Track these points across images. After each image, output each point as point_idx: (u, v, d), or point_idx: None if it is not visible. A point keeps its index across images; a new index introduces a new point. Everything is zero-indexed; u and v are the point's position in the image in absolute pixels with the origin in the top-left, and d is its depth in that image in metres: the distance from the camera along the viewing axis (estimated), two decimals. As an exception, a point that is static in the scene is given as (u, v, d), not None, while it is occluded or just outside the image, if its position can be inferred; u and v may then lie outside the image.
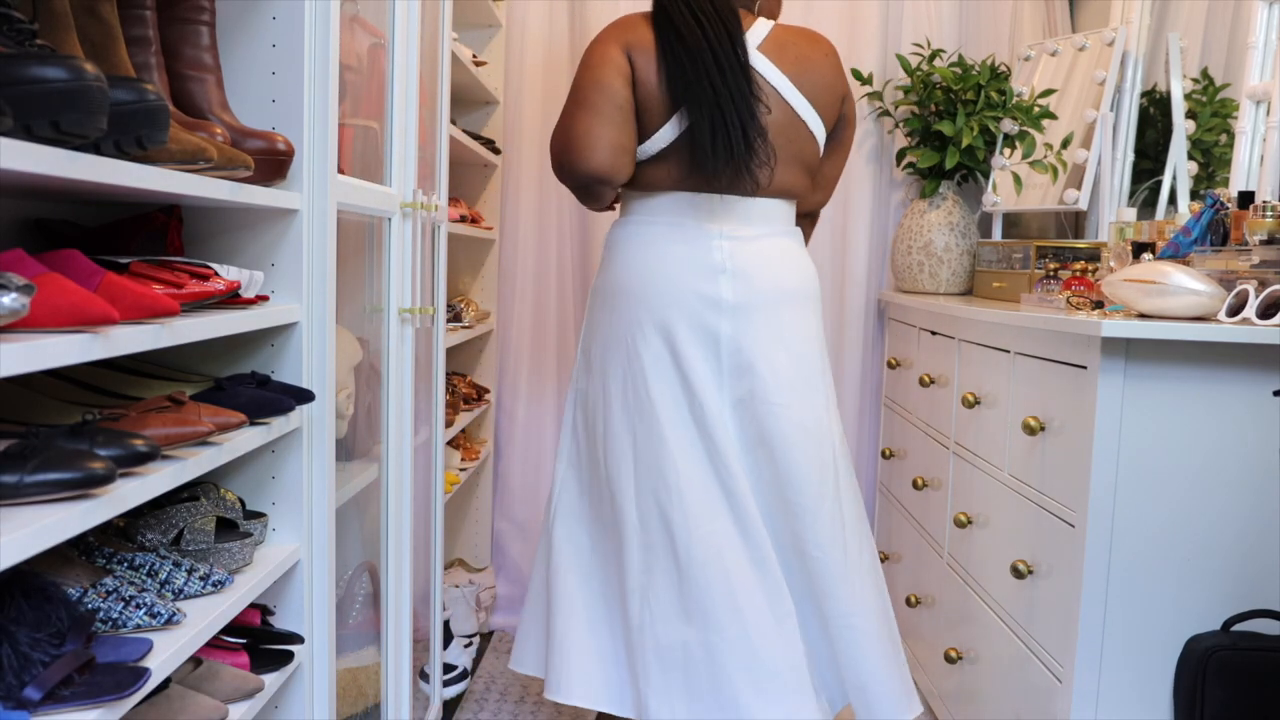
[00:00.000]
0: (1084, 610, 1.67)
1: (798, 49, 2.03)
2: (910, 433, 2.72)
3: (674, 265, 2.00)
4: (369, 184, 1.64)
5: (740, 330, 1.99)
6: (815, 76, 2.03)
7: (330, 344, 1.44)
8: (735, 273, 1.99)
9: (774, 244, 2.05)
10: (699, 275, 1.99)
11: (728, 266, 1.99)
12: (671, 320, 1.98)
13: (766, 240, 2.04)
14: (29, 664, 0.94)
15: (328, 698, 1.47)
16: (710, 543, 1.94)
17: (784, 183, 2.03)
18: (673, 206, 2.02)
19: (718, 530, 1.95)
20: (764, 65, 1.99)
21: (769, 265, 2.02)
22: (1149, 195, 2.71)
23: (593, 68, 1.95)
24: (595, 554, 2.09)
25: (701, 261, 1.99)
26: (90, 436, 1.00)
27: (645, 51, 1.94)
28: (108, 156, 0.96)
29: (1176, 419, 1.65)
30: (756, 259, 2.01)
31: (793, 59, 2.01)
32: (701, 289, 1.98)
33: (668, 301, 1.98)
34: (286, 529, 1.43)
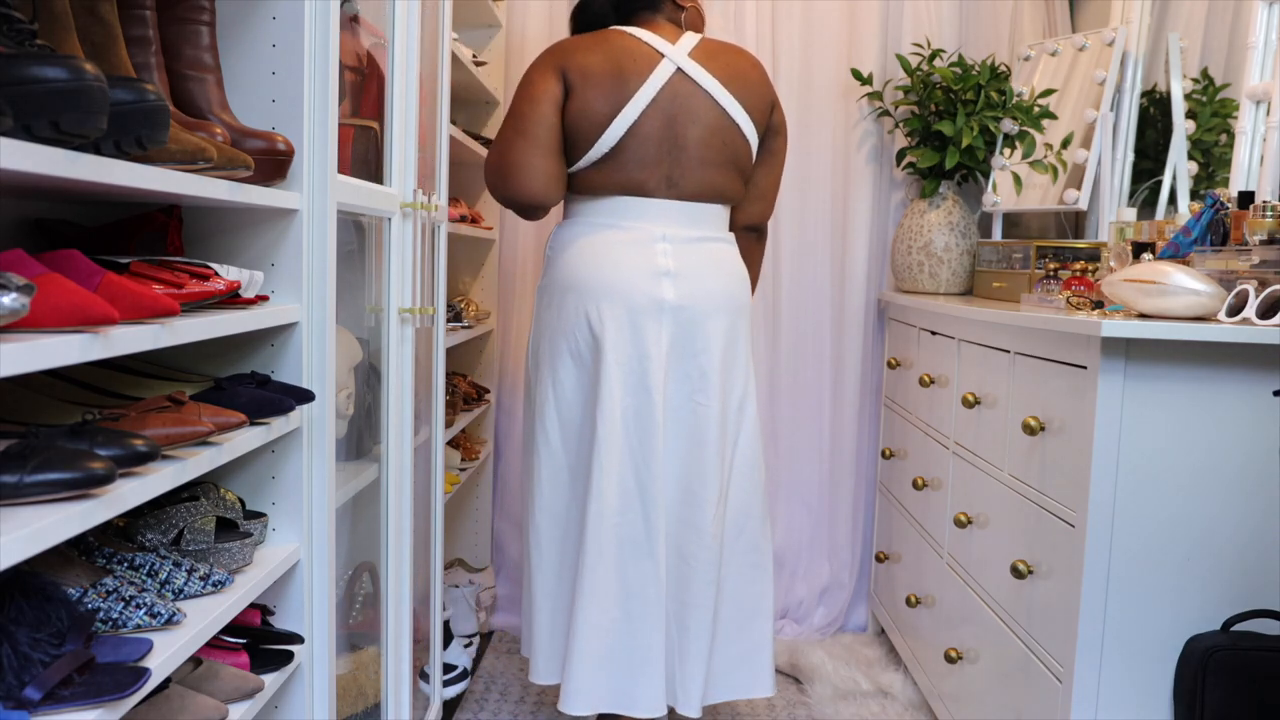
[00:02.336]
0: (1084, 610, 1.67)
1: (726, 57, 2.14)
2: (910, 433, 2.72)
3: (620, 265, 2.08)
4: (369, 184, 1.64)
5: (679, 330, 2.08)
6: (745, 82, 2.13)
7: (330, 344, 1.44)
8: (677, 275, 2.08)
9: (713, 249, 2.15)
10: (643, 276, 2.07)
11: (670, 269, 2.08)
12: (616, 318, 2.06)
13: (707, 245, 2.14)
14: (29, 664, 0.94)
15: (328, 698, 1.47)
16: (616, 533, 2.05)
17: (719, 186, 2.13)
18: (615, 209, 2.11)
19: (626, 521, 2.06)
20: (695, 71, 2.09)
21: (707, 269, 2.12)
22: (1149, 195, 2.71)
23: (528, 97, 2.09)
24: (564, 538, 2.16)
25: (646, 263, 2.08)
26: (90, 436, 1.00)
27: (582, 70, 2.06)
28: (108, 156, 0.96)
29: (1176, 419, 1.65)
30: (697, 263, 2.11)
31: (722, 65, 2.12)
32: (646, 289, 2.07)
33: (614, 299, 2.06)
34: (286, 529, 1.43)
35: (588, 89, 2.05)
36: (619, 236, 2.09)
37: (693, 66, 2.09)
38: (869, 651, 2.92)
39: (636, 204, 2.10)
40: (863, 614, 3.17)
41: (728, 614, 2.18)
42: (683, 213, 2.11)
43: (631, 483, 2.06)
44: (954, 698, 2.27)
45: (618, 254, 2.08)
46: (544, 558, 2.16)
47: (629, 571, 2.07)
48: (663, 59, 2.08)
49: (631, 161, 2.08)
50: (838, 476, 3.15)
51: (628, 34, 2.11)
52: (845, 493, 3.15)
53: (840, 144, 3.07)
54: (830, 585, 3.15)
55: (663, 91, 2.07)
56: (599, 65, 2.06)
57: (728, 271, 2.15)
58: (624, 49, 2.08)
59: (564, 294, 2.12)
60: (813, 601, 3.13)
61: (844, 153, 3.07)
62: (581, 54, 2.08)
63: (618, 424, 2.05)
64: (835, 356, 3.12)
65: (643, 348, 2.06)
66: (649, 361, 2.06)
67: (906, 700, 2.59)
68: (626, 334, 2.06)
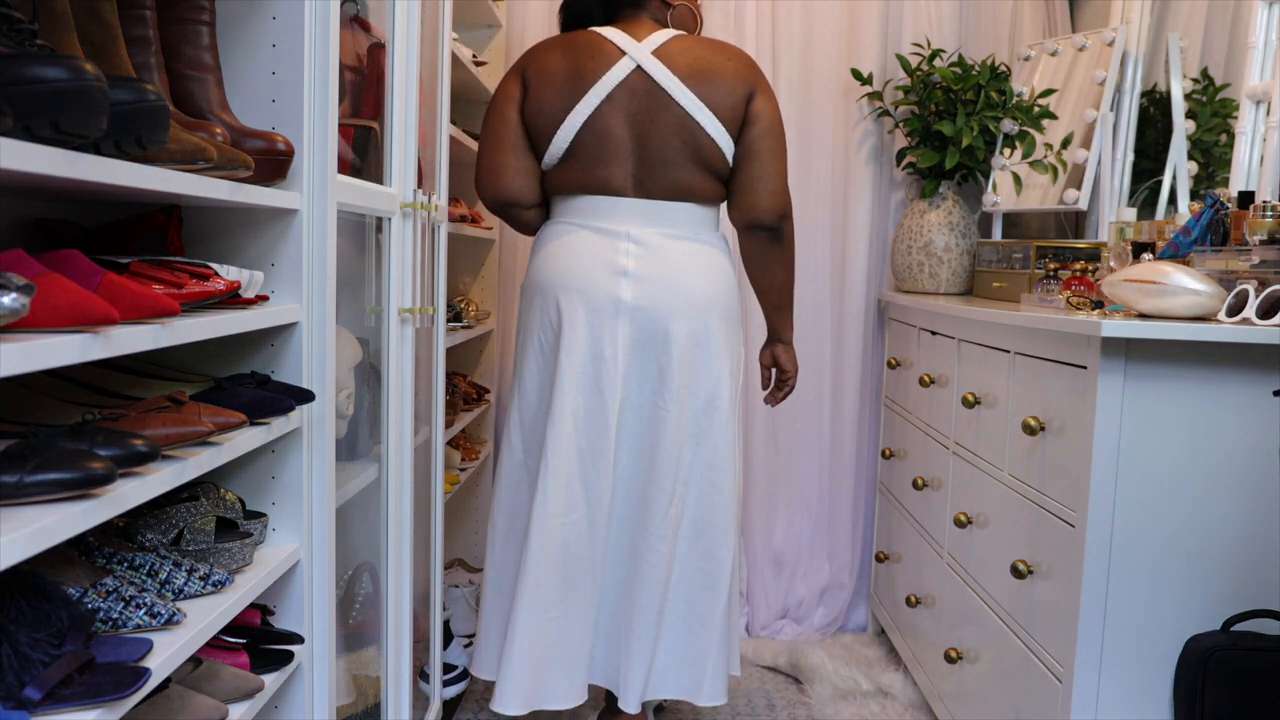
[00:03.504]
0: (1084, 610, 1.67)
1: (696, 52, 2.09)
2: (910, 433, 2.72)
3: (582, 263, 2.09)
4: (369, 184, 1.64)
5: (637, 331, 2.07)
6: (710, 79, 2.06)
7: (330, 344, 1.44)
8: (636, 276, 2.07)
9: (684, 248, 2.10)
10: (603, 275, 2.07)
11: (630, 269, 2.07)
12: (574, 316, 2.07)
13: (676, 244, 2.09)
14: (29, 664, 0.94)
15: (328, 698, 1.47)
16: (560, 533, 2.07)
17: (686, 185, 2.09)
18: (585, 208, 2.12)
19: (570, 521, 2.07)
20: (655, 68, 2.05)
21: (672, 270, 2.08)
22: (1149, 195, 2.71)
23: (495, 100, 2.16)
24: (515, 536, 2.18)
25: (608, 261, 2.08)
26: (90, 436, 1.00)
27: (540, 70, 2.10)
28: (108, 156, 0.96)
29: (1176, 419, 1.65)
30: (661, 263, 2.08)
31: (688, 61, 2.07)
32: (605, 288, 2.07)
33: (573, 297, 2.08)
34: (286, 529, 1.43)
35: (543, 87, 2.09)
36: (585, 235, 2.10)
37: (652, 64, 2.05)
38: (869, 651, 2.92)
39: (605, 203, 2.09)
40: (863, 614, 3.17)
41: (677, 615, 2.15)
42: (651, 212, 2.08)
43: (578, 484, 2.07)
44: (954, 698, 2.27)
45: (582, 252, 2.09)
46: (495, 554, 2.20)
47: (569, 572, 2.09)
48: (623, 56, 2.06)
49: (593, 160, 2.07)
50: (838, 476, 3.15)
51: (597, 33, 2.10)
52: (845, 493, 3.15)
53: (840, 144, 3.07)
54: (830, 585, 3.16)
55: (619, 89, 2.05)
56: (557, 64, 2.09)
57: (696, 272, 2.09)
58: (587, 47, 2.08)
59: (533, 292, 2.16)
60: (813, 601, 3.14)
61: (844, 153, 3.07)
62: (544, 54, 2.13)
63: (568, 423, 2.05)
64: (835, 356, 3.12)
65: (598, 348, 2.06)
66: (603, 362, 2.06)
67: (906, 700, 2.59)
68: (583, 333, 2.06)
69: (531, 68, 2.12)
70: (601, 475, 2.06)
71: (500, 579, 2.20)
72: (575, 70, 2.07)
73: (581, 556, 2.09)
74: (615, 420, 2.06)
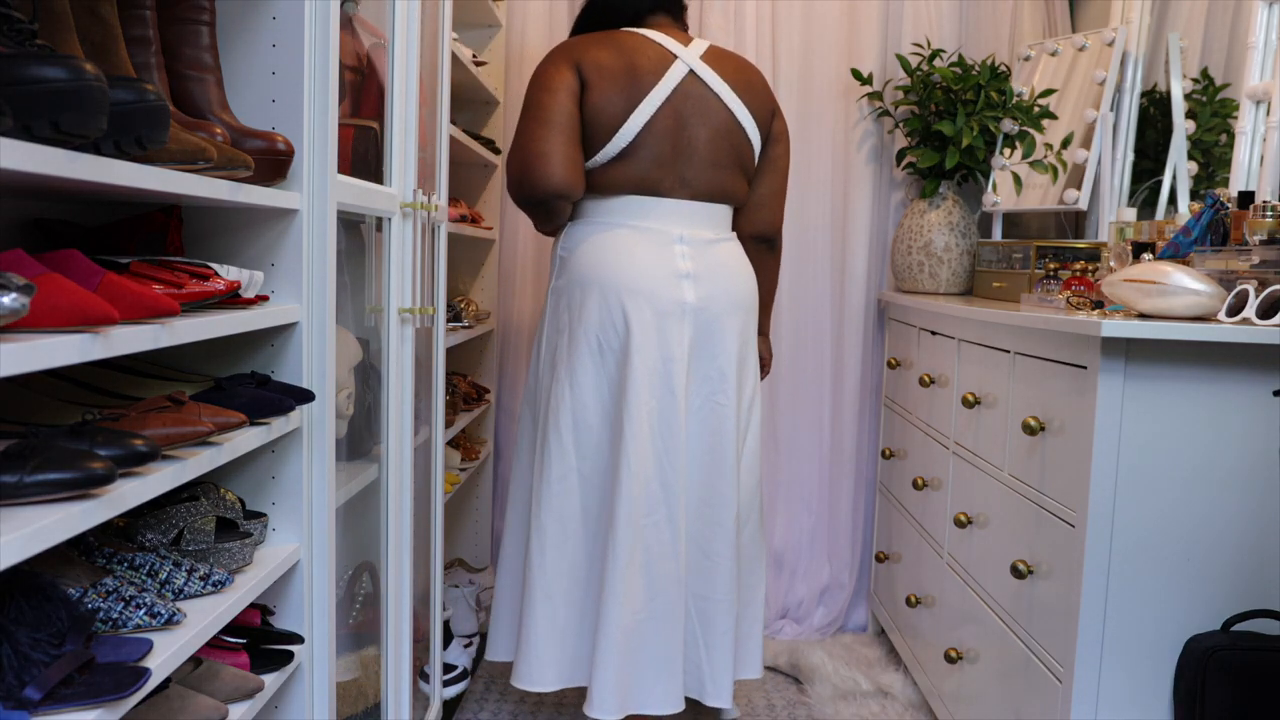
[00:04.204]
0: (1084, 610, 1.67)
1: (733, 63, 2.20)
2: (910, 433, 2.72)
3: (642, 266, 2.09)
4: (369, 184, 1.64)
5: (698, 332, 2.11)
6: (751, 89, 2.18)
7: (330, 344, 1.44)
8: (696, 277, 2.11)
9: (726, 249, 2.19)
10: (665, 278, 2.09)
11: (689, 271, 2.11)
12: (642, 319, 2.07)
13: (720, 245, 2.18)
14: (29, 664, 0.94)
15: (328, 698, 1.47)
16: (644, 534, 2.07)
17: (727, 186, 2.17)
18: (630, 208, 2.13)
19: (653, 522, 2.08)
20: (708, 75, 2.13)
21: (724, 271, 2.16)
22: (1149, 195, 2.71)
23: (545, 88, 2.08)
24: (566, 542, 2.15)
25: (667, 265, 2.10)
26: (90, 436, 1.00)
27: (596, 66, 2.07)
28: (108, 156, 0.96)
29: (1176, 419, 1.65)
30: (714, 264, 2.14)
31: (730, 70, 2.17)
32: (668, 291, 2.09)
33: (640, 300, 2.07)
34: (286, 529, 1.43)
35: (603, 84, 2.06)
36: (637, 237, 2.10)
37: (704, 69, 2.13)
38: (869, 651, 2.92)
39: (651, 203, 2.12)
40: (863, 614, 3.17)
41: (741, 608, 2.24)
42: (696, 213, 2.14)
43: (657, 485, 2.08)
44: (954, 698, 2.27)
45: (639, 255, 2.09)
46: (546, 559, 2.13)
47: (654, 571, 2.09)
48: (676, 59, 2.12)
49: (646, 159, 2.09)
50: (838, 476, 3.15)
51: (639, 34, 2.14)
52: (845, 493, 3.15)
53: (840, 144, 3.07)
54: (830, 585, 3.16)
55: (676, 91, 2.10)
56: (612, 61, 2.08)
57: (738, 271, 2.18)
58: (636, 47, 2.11)
59: (585, 292, 2.10)
60: (813, 601, 3.14)
61: (844, 153, 3.07)
62: (595, 49, 2.09)
63: (644, 425, 2.05)
64: (835, 356, 3.12)
65: (667, 349, 2.08)
66: (672, 363, 2.08)
67: (906, 700, 2.59)
68: (652, 335, 2.07)
69: (586, 62, 2.07)
70: (677, 474, 2.08)
71: (551, 585, 2.13)
72: (633, 69, 2.08)
73: (665, 556, 2.09)
74: (684, 420, 2.09)
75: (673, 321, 2.08)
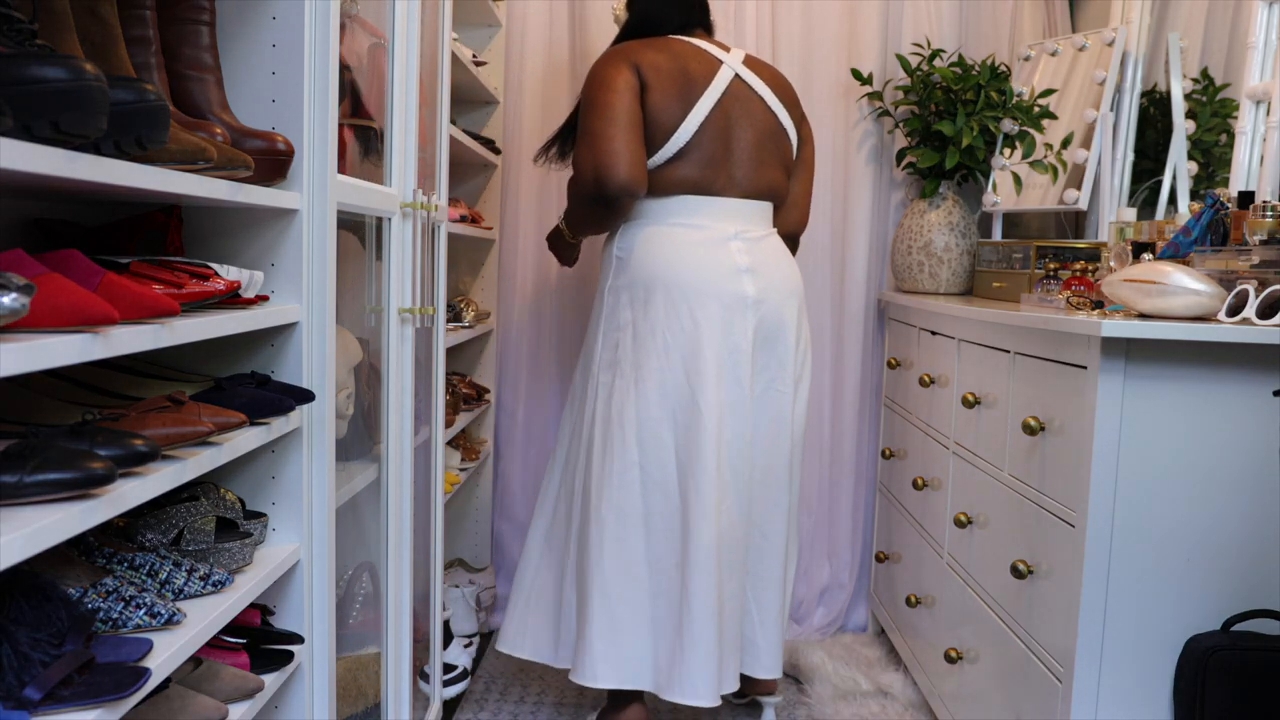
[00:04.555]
0: (1084, 610, 1.67)
1: (770, 69, 2.33)
2: (910, 433, 2.72)
3: (703, 264, 2.17)
4: (369, 184, 1.64)
5: (760, 323, 2.20)
6: (786, 93, 2.32)
7: (330, 344, 1.44)
8: (754, 271, 2.20)
9: (774, 243, 2.29)
10: (726, 274, 2.17)
11: (748, 265, 2.19)
12: (710, 316, 2.16)
13: (770, 240, 2.28)
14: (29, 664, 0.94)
15: (328, 698, 1.47)
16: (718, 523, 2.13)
17: (773, 184, 2.29)
18: (685, 208, 2.21)
19: (725, 509, 2.15)
20: (751, 79, 2.26)
21: (777, 263, 2.26)
22: (1149, 195, 2.71)
23: (609, 87, 2.14)
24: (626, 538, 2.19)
25: (725, 263, 2.18)
26: (90, 436, 1.00)
27: (654, 68, 2.16)
28: (108, 156, 0.96)
29: (1176, 419, 1.65)
30: (768, 257, 2.24)
31: (769, 75, 2.31)
32: (731, 287, 2.17)
33: (707, 298, 2.15)
34: (286, 529, 1.43)
35: (660, 85, 2.16)
36: (694, 236, 2.19)
37: (748, 74, 2.25)
38: (869, 651, 2.92)
39: (705, 203, 2.20)
40: (863, 614, 3.17)
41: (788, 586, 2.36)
42: (747, 210, 2.24)
43: (729, 474, 2.16)
44: (954, 698, 2.27)
45: (699, 253, 2.18)
46: (605, 554, 2.17)
47: (727, 559, 2.17)
48: (722, 64, 2.23)
49: (699, 160, 2.18)
50: (838, 476, 3.15)
51: (686, 40, 2.25)
52: (845, 493, 3.15)
53: (840, 144, 3.07)
54: (830, 585, 3.16)
55: (725, 94, 2.21)
56: (667, 64, 2.18)
57: (786, 262, 2.29)
58: (686, 53, 2.22)
59: (649, 292, 2.18)
60: (813, 601, 3.13)
61: (844, 153, 3.07)
62: (649, 53, 2.18)
63: (715, 419, 2.13)
64: (835, 356, 3.11)
65: (733, 342, 2.17)
66: (739, 355, 2.17)
67: (906, 700, 2.59)
68: (719, 331, 2.15)
69: (644, 65, 2.15)
70: (745, 463, 2.18)
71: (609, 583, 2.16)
72: (685, 73, 2.18)
73: (736, 543, 2.18)
74: (750, 409, 2.19)
75: (737, 315, 2.17)
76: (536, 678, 2.72)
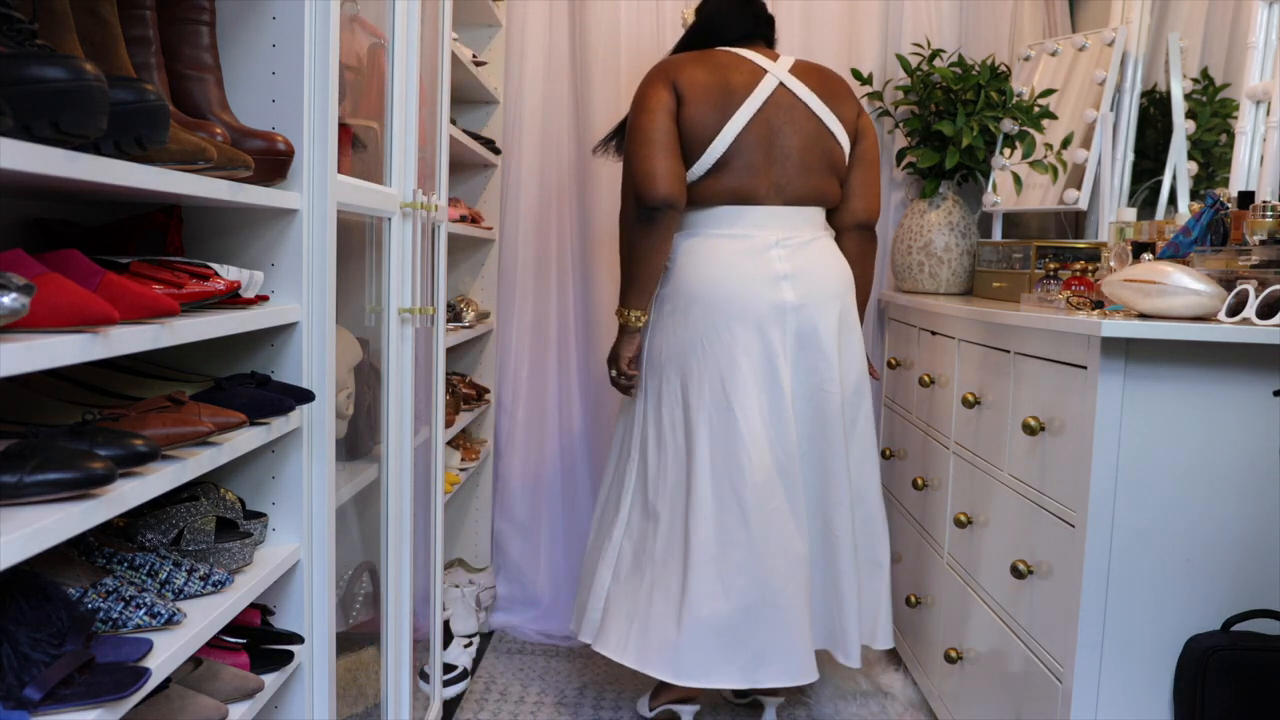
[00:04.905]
0: (1084, 610, 1.67)
1: (818, 74, 2.36)
2: (910, 433, 2.72)
3: (741, 275, 2.25)
4: (369, 184, 1.64)
5: (800, 325, 2.26)
6: (836, 95, 2.35)
7: (330, 344, 1.44)
8: (794, 277, 2.26)
9: (820, 246, 2.33)
10: (764, 283, 2.24)
11: (787, 272, 2.26)
12: (745, 324, 2.23)
13: (814, 244, 2.32)
14: (29, 664, 0.94)
15: (328, 698, 1.47)
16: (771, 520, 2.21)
17: (820, 189, 2.33)
18: (729, 218, 2.29)
19: (776, 508, 2.21)
20: (796, 86, 2.30)
21: (820, 267, 2.30)
22: (1149, 195, 2.71)
23: (644, 109, 2.25)
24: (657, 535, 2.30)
25: (764, 271, 2.25)
26: (90, 436, 1.00)
27: (691, 83, 2.24)
28: (108, 156, 0.96)
29: (1176, 419, 1.65)
30: (810, 263, 2.29)
31: (816, 82, 2.34)
32: (768, 295, 2.24)
33: (741, 308, 2.23)
34: (286, 529, 1.43)
35: (697, 99, 2.23)
36: (736, 246, 2.26)
37: (793, 81, 2.29)
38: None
39: (748, 212, 2.28)
40: (863, 614, 3.16)
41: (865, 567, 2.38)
42: (790, 217, 2.29)
43: (775, 472, 2.22)
44: (954, 698, 2.27)
45: (739, 265, 2.25)
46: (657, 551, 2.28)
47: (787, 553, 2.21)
48: (766, 74, 2.28)
49: (741, 169, 2.25)
50: (838, 476, 3.14)
51: (732, 52, 2.31)
52: (845, 493, 3.15)
53: (840, 144, 3.06)
54: (830, 585, 3.15)
55: (767, 104, 2.26)
56: (706, 79, 2.25)
57: (831, 264, 2.32)
58: (729, 65, 2.28)
59: (689, 305, 2.27)
60: (813, 601, 3.13)
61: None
62: (690, 68, 2.26)
63: (757, 419, 2.21)
64: (835, 356, 3.11)
65: (770, 348, 2.23)
66: (776, 359, 2.23)
67: (906, 700, 2.59)
68: (755, 338, 2.23)
69: (681, 81, 2.24)
70: (791, 460, 2.23)
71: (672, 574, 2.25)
72: (725, 85, 2.25)
73: (791, 537, 2.23)
74: (791, 410, 2.24)
75: (774, 322, 2.23)
76: (536, 678, 2.72)
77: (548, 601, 3.05)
